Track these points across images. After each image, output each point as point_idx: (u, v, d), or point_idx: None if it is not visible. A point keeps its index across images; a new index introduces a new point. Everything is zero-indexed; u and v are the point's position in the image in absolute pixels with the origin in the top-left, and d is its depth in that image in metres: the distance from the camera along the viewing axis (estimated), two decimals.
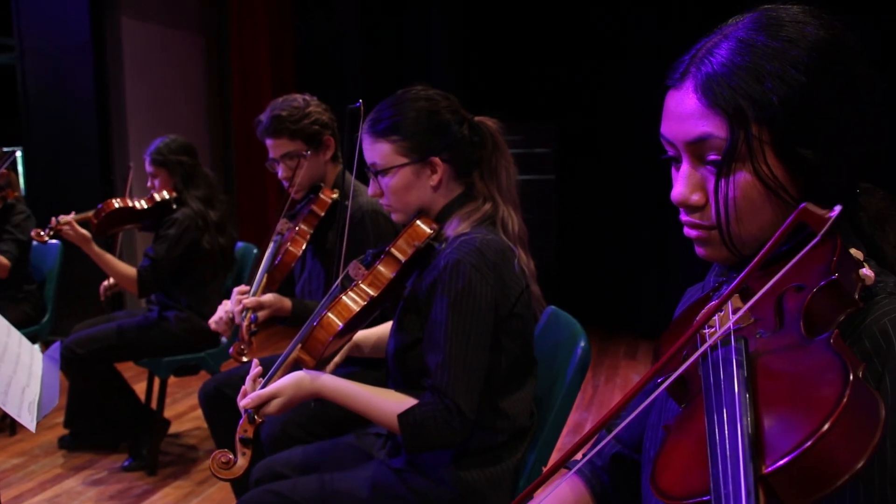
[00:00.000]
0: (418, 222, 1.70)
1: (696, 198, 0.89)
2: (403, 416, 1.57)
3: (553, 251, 6.05)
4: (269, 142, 2.50)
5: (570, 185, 6.03)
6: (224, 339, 3.42)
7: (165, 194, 3.24)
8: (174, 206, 3.24)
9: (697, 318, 0.79)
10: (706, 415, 0.69)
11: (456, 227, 1.69)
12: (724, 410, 0.67)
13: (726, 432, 0.64)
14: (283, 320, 2.29)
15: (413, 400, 1.60)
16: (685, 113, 0.87)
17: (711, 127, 0.85)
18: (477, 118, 1.77)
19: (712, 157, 0.86)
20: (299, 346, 1.61)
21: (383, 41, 5.92)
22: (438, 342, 1.58)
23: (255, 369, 1.62)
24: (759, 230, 0.87)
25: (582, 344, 1.68)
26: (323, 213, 2.43)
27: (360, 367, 2.33)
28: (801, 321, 0.74)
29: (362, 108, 1.73)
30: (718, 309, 0.76)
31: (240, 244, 3.65)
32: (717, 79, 0.84)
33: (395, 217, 1.78)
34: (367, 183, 2.51)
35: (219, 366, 3.41)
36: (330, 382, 1.61)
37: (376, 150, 1.72)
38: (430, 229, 1.69)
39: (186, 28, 6.01)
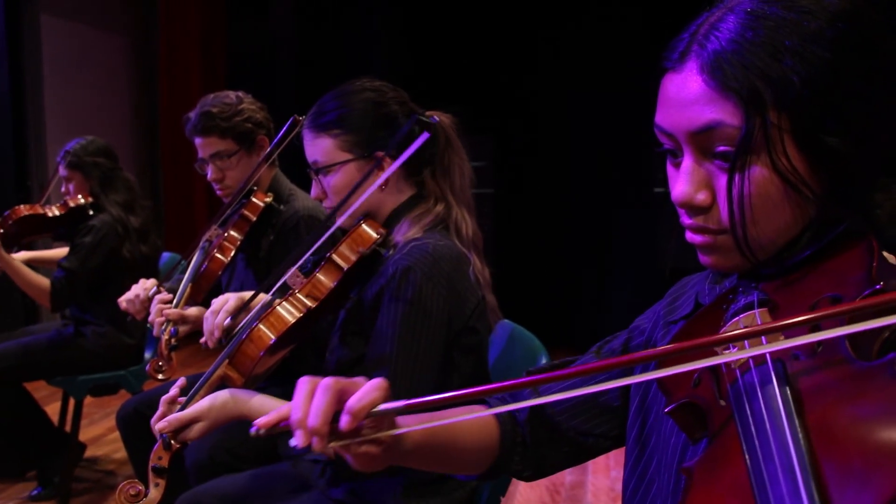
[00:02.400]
0: (363, 226, 1.54)
1: (701, 197, 0.76)
2: None
3: (492, 265, 5.94)
4: (197, 140, 2.32)
5: (509, 198, 5.96)
6: (148, 355, 3.20)
7: (81, 199, 3.00)
8: (91, 213, 3.00)
9: (720, 336, 0.64)
10: (749, 460, 0.55)
11: (406, 232, 1.53)
12: (775, 457, 0.52)
13: (783, 488, 0.50)
14: None
15: None
16: (688, 98, 0.74)
17: (721, 113, 0.72)
18: (428, 112, 1.63)
19: (721, 149, 0.74)
20: (226, 362, 1.43)
21: (319, 49, 5.77)
22: (383, 357, 1.43)
23: (175, 390, 1.43)
24: (775, 232, 0.75)
25: (543, 361, 1.54)
26: (255, 218, 2.25)
27: (293, 385, 2.15)
28: (847, 342, 0.61)
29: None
30: (748, 336, 0.61)
31: (166, 254, 3.43)
32: (727, 57, 0.72)
33: (339, 221, 1.62)
34: (303, 186, 2.39)
35: (141, 385, 3.16)
36: (258, 404, 1.43)
37: (318, 146, 1.57)
38: (377, 234, 1.53)
39: (112, 29, 5.73)
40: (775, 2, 0.73)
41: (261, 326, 1.41)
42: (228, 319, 1.54)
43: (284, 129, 2.16)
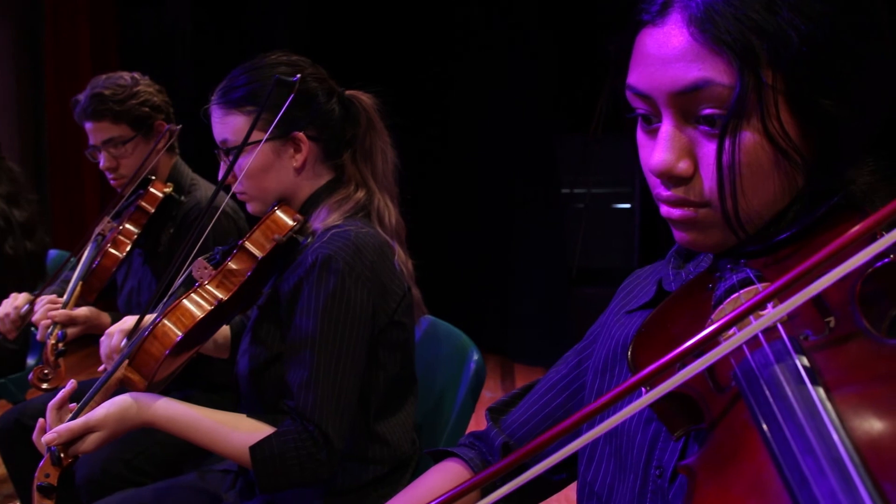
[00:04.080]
0: (278, 212, 1.42)
1: (683, 166, 0.69)
2: (257, 449, 1.27)
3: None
4: (88, 126, 2.13)
5: (416, 196, 5.90)
6: (31, 361, 2.95)
7: None
8: None
9: (717, 318, 0.56)
10: (779, 454, 0.47)
11: (324, 219, 1.42)
12: (815, 447, 0.45)
13: (833, 482, 0.42)
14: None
15: (270, 428, 1.31)
16: (672, 54, 0.67)
17: (710, 71, 0.65)
18: (348, 92, 1.53)
19: (707, 112, 0.67)
20: (126, 362, 1.27)
21: (218, 32, 5.57)
22: (303, 355, 1.31)
23: (61, 395, 1.27)
24: (764, 205, 0.68)
25: (475, 358, 1.45)
26: (153, 210, 2.08)
27: (198, 390, 2.00)
28: (862, 316, 0.54)
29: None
30: (758, 307, 0.53)
31: (53, 252, 3.18)
32: (718, 8, 0.65)
33: (250, 208, 1.49)
34: (206, 175, 2.23)
35: (23, 394, 2.91)
36: (164, 409, 1.29)
37: (228, 124, 1.44)
38: (293, 220, 1.41)
39: None
40: None
41: (166, 322, 1.26)
42: (125, 341, 1.39)
43: (159, 138, 2.04)
